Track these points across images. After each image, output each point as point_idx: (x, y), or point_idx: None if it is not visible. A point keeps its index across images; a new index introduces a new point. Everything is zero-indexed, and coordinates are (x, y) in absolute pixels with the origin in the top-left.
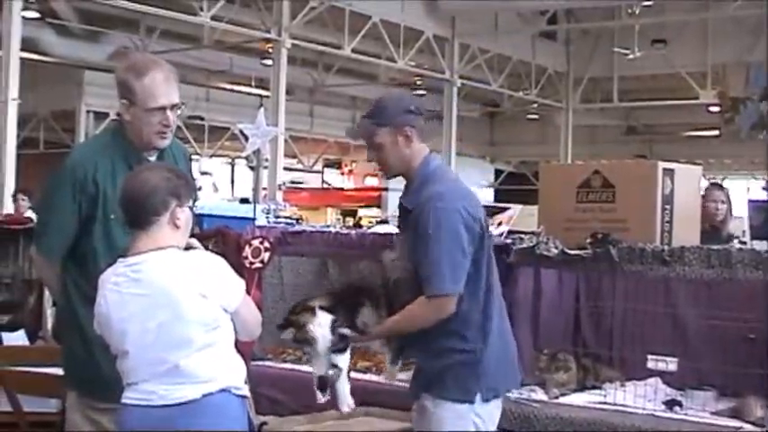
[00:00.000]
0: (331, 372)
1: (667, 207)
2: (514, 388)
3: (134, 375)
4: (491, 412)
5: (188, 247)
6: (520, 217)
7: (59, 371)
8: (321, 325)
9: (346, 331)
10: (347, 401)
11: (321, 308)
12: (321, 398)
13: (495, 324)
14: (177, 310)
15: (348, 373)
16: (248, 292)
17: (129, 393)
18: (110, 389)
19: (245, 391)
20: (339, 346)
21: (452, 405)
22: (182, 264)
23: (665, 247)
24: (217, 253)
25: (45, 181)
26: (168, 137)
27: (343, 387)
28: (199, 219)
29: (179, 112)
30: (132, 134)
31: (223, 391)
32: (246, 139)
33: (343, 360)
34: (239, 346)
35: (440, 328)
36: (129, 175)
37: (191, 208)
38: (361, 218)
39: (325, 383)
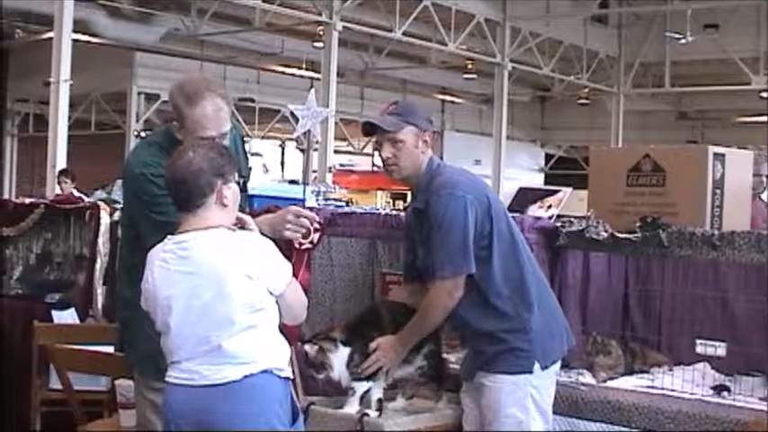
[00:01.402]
0: (376, 403)
1: (717, 191)
2: (568, 351)
3: (177, 353)
4: (547, 385)
5: (241, 227)
6: (569, 201)
7: (109, 349)
8: (339, 360)
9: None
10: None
11: (341, 341)
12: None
13: (535, 296)
14: (222, 290)
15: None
16: (297, 272)
17: (172, 372)
18: (164, 368)
19: (289, 372)
20: (364, 378)
21: (510, 377)
22: (230, 244)
23: (715, 232)
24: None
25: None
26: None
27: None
28: (249, 199)
29: (228, 136)
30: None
31: (265, 372)
32: (297, 120)
33: (376, 386)
34: (286, 328)
35: (483, 315)
36: (172, 157)
37: (239, 183)
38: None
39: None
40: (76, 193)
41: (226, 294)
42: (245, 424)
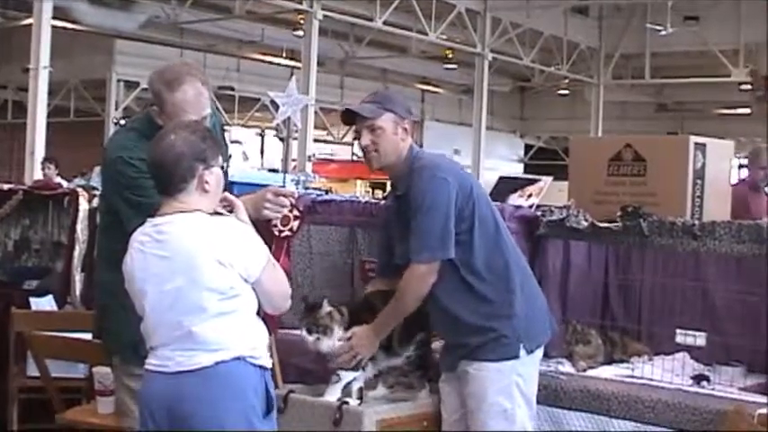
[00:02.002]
0: (350, 399)
1: (698, 182)
2: (551, 336)
3: (153, 339)
4: (532, 373)
5: (230, 210)
6: (549, 192)
7: (87, 336)
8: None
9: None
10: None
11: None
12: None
13: (518, 281)
14: (193, 276)
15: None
16: (277, 260)
17: (150, 359)
18: (144, 355)
19: (265, 361)
20: (347, 367)
21: (495, 365)
22: (204, 229)
23: (696, 222)
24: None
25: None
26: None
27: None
28: (229, 186)
29: (207, 119)
30: None
31: (238, 359)
32: (277, 108)
33: (357, 376)
34: (266, 316)
35: (465, 300)
36: (155, 139)
37: (222, 167)
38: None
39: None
40: (60, 180)
41: (197, 280)
42: (217, 410)
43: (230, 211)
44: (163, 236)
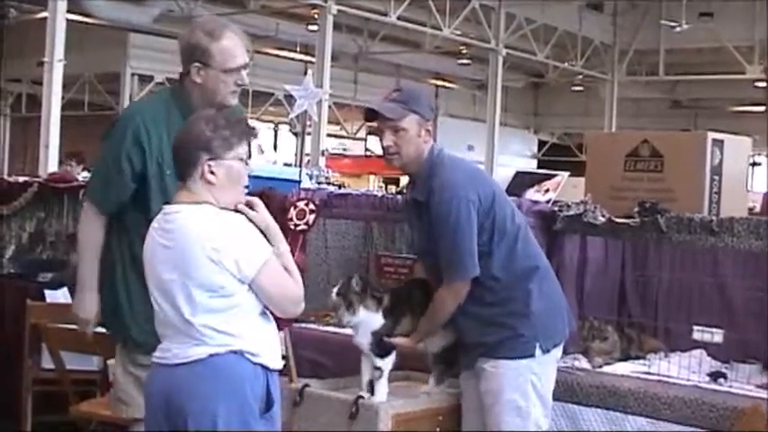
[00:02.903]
0: (375, 372)
1: (716, 178)
2: (569, 336)
3: (159, 329)
4: (548, 372)
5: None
6: (563, 188)
7: (102, 329)
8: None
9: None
10: (381, 395)
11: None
12: (367, 398)
13: (536, 279)
14: (186, 270)
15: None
16: (292, 254)
17: (156, 351)
18: (149, 344)
19: (267, 361)
20: (381, 352)
21: (511, 362)
22: (202, 224)
23: (714, 218)
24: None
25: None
26: (237, 95)
27: (382, 387)
28: None
29: (248, 69)
30: (201, 96)
31: (234, 353)
32: (292, 101)
33: (386, 363)
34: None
35: (484, 305)
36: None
37: (242, 159)
38: (403, 186)
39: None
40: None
41: (189, 275)
42: (208, 403)
43: (250, 208)
44: (169, 225)
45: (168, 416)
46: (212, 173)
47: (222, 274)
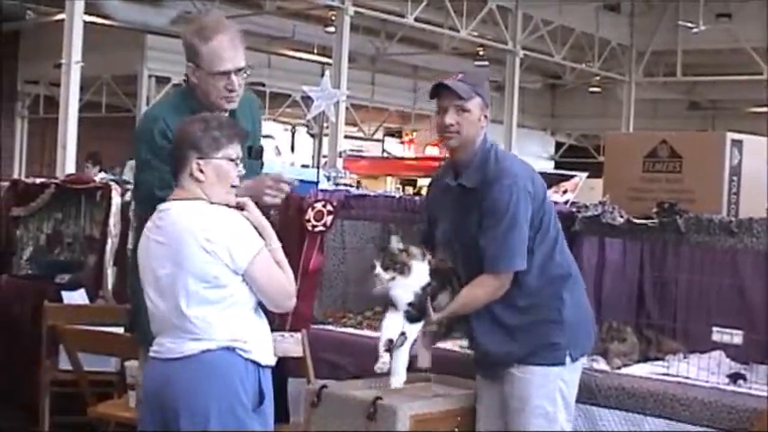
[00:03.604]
0: (399, 337)
1: (735, 178)
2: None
3: (154, 326)
4: (575, 379)
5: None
6: (580, 190)
7: (119, 330)
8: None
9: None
10: (399, 373)
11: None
12: (383, 360)
13: (569, 287)
14: (180, 261)
15: (411, 346)
16: (310, 255)
17: (152, 345)
18: None
19: (259, 357)
20: (414, 314)
21: (541, 369)
22: (196, 216)
23: (733, 218)
24: (278, 216)
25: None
26: (235, 100)
27: (402, 357)
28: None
29: (245, 74)
30: (201, 96)
31: (226, 349)
32: (309, 103)
33: (412, 330)
34: (297, 311)
35: (516, 308)
36: None
37: (232, 159)
38: (420, 187)
39: (391, 348)
40: (103, 176)
41: (183, 265)
42: (199, 398)
43: (241, 209)
44: (162, 222)
45: (161, 409)
46: (201, 171)
47: (216, 264)
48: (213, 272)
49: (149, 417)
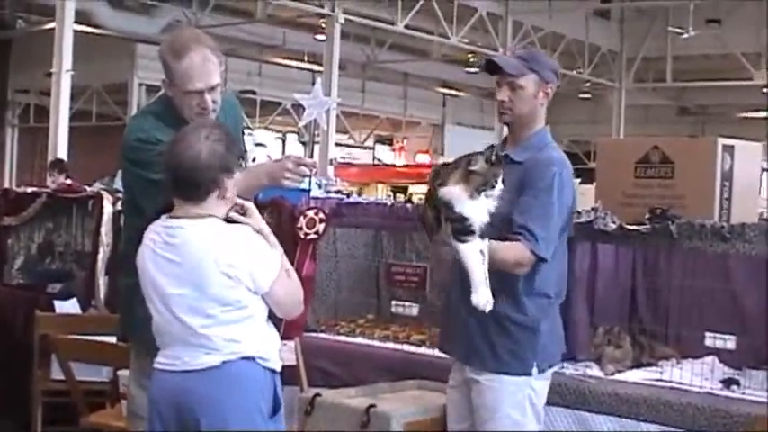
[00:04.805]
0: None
1: (726, 184)
2: (564, 360)
3: (163, 338)
4: (544, 387)
5: (242, 213)
6: None
7: (112, 339)
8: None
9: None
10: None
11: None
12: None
13: (554, 299)
14: (200, 284)
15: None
16: (302, 263)
17: (159, 357)
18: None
19: (274, 364)
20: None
21: (511, 378)
22: (214, 239)
23: (725, 224)
24: (270, 224)
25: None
26: (209, 116)
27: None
28: None
29: (221, 90)
30: (177, 109)
31: (246, 359)
32: (300, 111)
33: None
34: (291, 319)
35: (508, 302)
36: (176, 142)
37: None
38: (411, 194)
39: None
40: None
41: (204, 290)
42: (222, 408)
43: (243, 214)
44: (174, 240)
45: (178, 422)
46: (227, 189)
47: (238, 289)
48: (235, 296)
49: (165, 429)
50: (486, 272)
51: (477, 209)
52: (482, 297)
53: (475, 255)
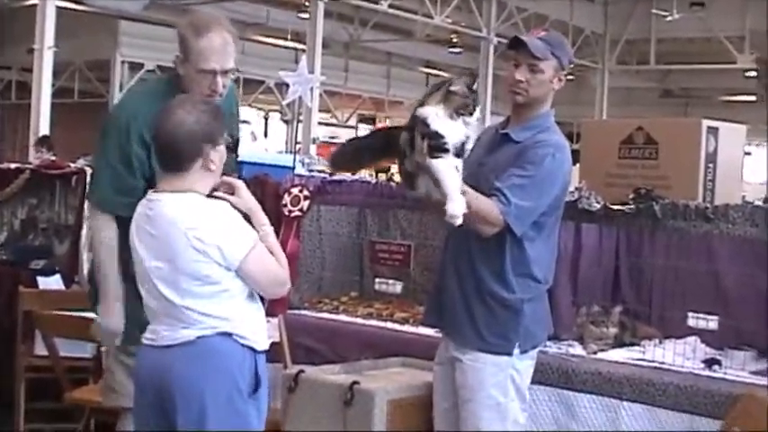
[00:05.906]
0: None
1: (710, 165)
2: (547, 340)
3: (148, 312)
4: (528, 367)
5: (231, 192)
6: None
7: (95, 315)
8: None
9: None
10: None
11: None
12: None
13: (541, 281)
14: (172, 259)
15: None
16: (286, 241)
17: (146, 332)
18: (140, 333)
19: (255, 343)
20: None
21: (492, 357)
22: (187, 214)
23: (709, 204)
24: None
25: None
26: (217, 99)
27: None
28: (238, 166)
29: (232, 76)
30: (185, 88)
31: (223, 335)
32: (284, 89)
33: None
34: (275, 297)
35: (493, 277)
36: (161, 112)
37: (228, 145)
38: (393, 174)
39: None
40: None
41: (175, 264)
42: (197, 385)
43: (231, 194)
44: (153, 212)
45: (158, 396)
46: (212, 161)
47: (207, 263)
48: (205, 271)
49: (145, 403)
50: (461, 184)
51: (454, 129)
52: (457, 206)
53: (450, 170)
